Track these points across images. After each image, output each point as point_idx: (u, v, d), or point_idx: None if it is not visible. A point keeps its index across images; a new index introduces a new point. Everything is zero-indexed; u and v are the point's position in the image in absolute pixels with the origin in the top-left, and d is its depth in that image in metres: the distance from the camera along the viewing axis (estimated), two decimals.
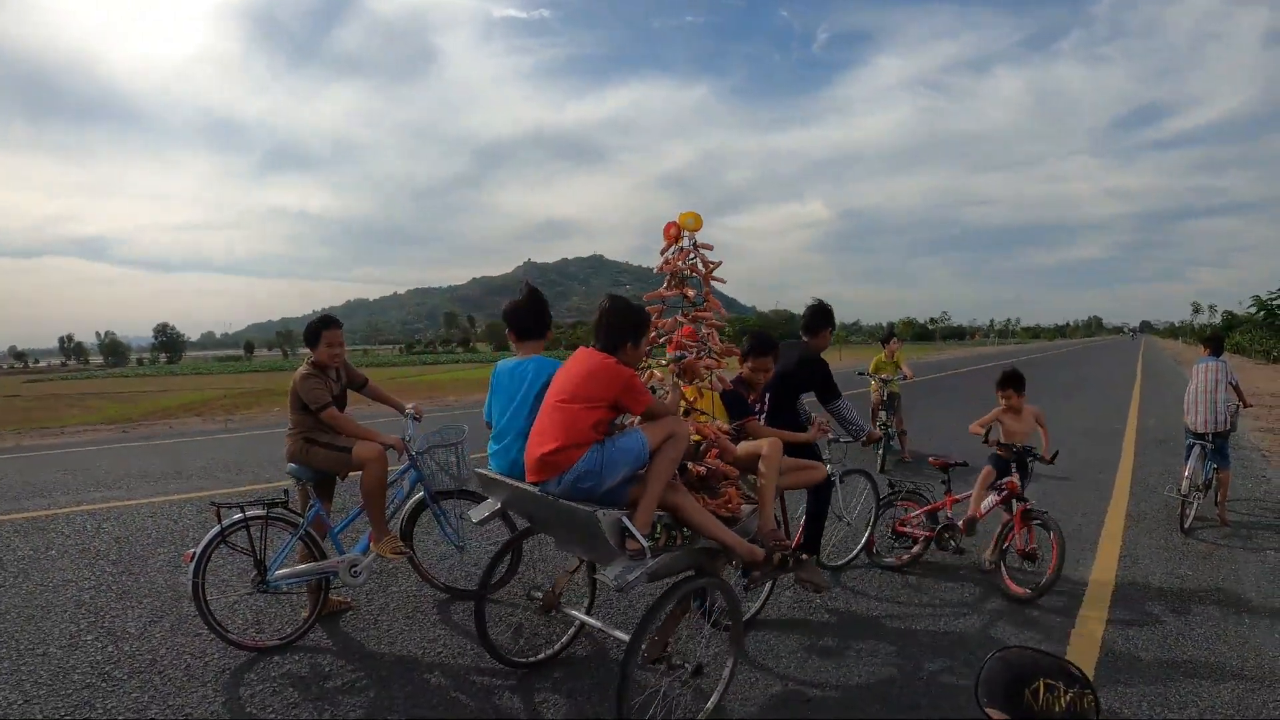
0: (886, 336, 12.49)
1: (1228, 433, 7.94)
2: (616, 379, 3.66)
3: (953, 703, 4.16)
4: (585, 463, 3.56)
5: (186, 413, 23.77)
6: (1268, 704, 4.19)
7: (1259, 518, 8.17)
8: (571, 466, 3.56)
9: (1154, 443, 13.26)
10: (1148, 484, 9.77)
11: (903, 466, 10.99)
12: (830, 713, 4.04)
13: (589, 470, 3.56)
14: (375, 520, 5.09)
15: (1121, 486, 9.68)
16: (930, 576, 6.25)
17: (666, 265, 4.48)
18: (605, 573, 3.57)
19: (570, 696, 4.16)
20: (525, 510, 4.15)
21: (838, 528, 6.39)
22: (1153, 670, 4.58)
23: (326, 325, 5.29)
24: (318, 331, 5.24)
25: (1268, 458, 11.98)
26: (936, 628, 5.19)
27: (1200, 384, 7.99)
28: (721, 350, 4.46)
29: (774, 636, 4.99)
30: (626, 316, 3.87)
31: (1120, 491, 9.37)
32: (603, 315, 3.88)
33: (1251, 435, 14.24)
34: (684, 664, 3.75)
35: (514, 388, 4.23)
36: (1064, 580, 5.95)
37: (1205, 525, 7.72)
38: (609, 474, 3.59)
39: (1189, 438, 8.08)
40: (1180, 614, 5.42)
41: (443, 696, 4.15)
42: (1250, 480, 10.06)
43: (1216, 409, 7.85)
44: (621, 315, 3.86)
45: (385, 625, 5.10)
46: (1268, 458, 11.98)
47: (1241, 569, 6.42)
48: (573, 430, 3.58)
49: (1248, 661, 4.70)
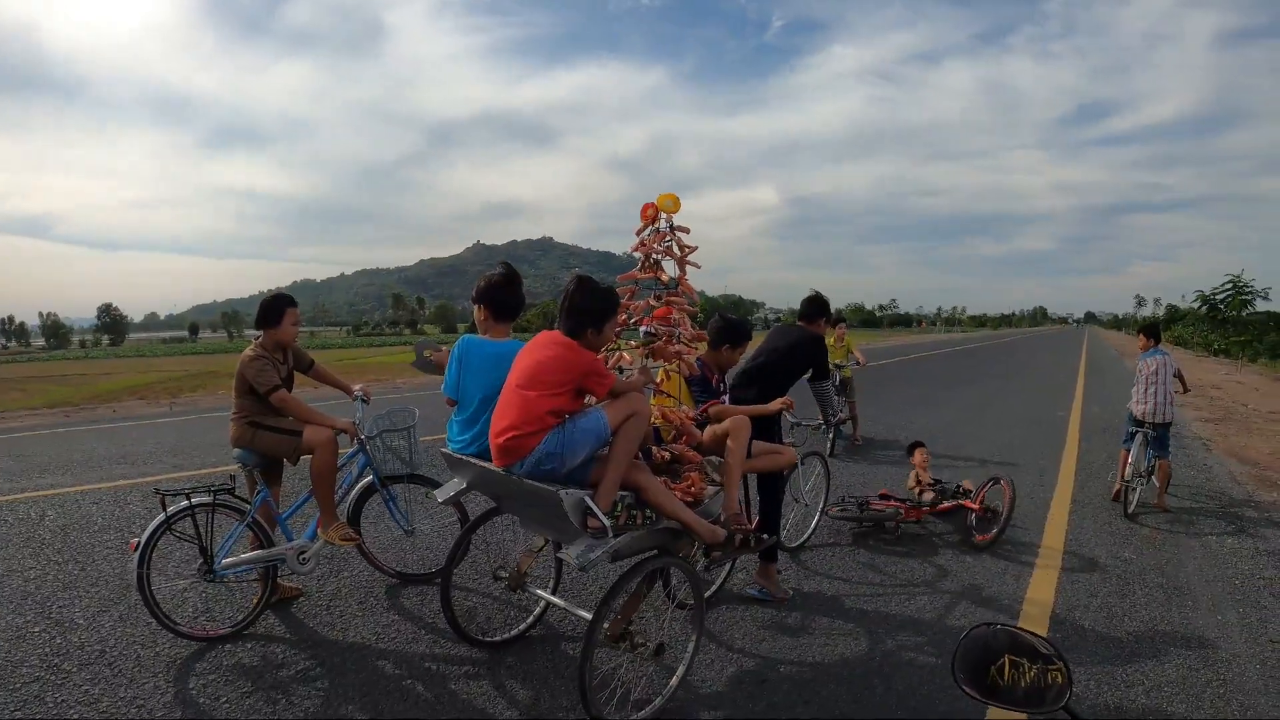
0: (834, 322, 12.57)
1: (1169, 424, 8.15)
2: (578, 365, 3.63)
3: (909, 679, 4.23)
4: (547, 445, 3.55)
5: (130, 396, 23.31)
6: (1211, 683, 4.32)
7: (1200, 504, 8.40)
8: (533, 450, 3.55)
9: (1098, 431, 13.55)
10: (1092, 471, 10.00)
11: (853, 450, 11.17)
12: (789, 690, 4.08)
13: (551, 452, 3.56)
14: (324, 506, 4.99)
15: (1066, 473, 9.89)
16: (887, 556, 6.37)
17: (641, 246, 4.44)
18: (568, 551, 3.58)
19: (528, 679, 4.15)
20: (490, 490, 4.14)
21: (795, 509, 6.48)
22: (1100, 648, 4.70)
23: (290, 302, 5.18)
24: (281, 308, 5.11)
25: (1209, 447, 12.29)
26: (893, 607, 5.28)
27: (1149, 375, 8.18)
28: (692, 336, 4.45)
29: (734, 615, 5.04)
30: (592, 300, 3.78)
31: (1065, 478, 9.58)
32: (567, 297, 3.80)
33: (1194, 425, 14.60)
34: (646, 643, 3.75)
35: (484, 369, 4.17)
36: (1011, 563, 6.18)
37: (1148, 511, 7.91)
38: (571, 455, 3.58)
39: (1130, 425, 8.28)
40: (1125, 596, 5.56)
41: (397, 683, 4.10)
42: (1192, 469, 10.32)
43: (1165, 400, 8.05)
44: (587, 299, 3.78)
45: (337, 612, 5.03)
46: (1209, 447, 12.29)
47: (1184, 553, 6.59)
48: (533, 416, 3.56)
49: (1191, 642, 4.84)
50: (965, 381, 24.44)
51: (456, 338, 4.55)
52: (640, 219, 4.44)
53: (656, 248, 4.41)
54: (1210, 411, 17.25)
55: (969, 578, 5.87)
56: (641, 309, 4.40)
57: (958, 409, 16.74)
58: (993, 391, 21.22)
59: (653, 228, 4.44)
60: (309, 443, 4.96)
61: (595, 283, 3.86)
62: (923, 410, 16.25)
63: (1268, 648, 4.79)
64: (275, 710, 3.84)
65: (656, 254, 4.42)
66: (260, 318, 5.12)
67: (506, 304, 4.44)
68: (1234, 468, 10.65)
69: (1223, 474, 10.15)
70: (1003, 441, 12.30)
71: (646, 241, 4.44)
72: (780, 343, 5.73)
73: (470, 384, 4.23)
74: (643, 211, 4.42)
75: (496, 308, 4.42)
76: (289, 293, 5.59)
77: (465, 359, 4.28)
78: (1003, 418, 15.41)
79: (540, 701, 3.91)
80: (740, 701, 3.96)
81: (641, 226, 4.45)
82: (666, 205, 4.36)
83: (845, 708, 3.93)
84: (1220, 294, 50.56)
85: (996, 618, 5.07)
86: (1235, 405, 19.27)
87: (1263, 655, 4.68)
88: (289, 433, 4.99)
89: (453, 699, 3.95)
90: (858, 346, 12.46)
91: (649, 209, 4.39)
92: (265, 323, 5.12)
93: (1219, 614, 5.28)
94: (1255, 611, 5.34)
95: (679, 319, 4.38)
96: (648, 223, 4.43)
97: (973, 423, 14.57)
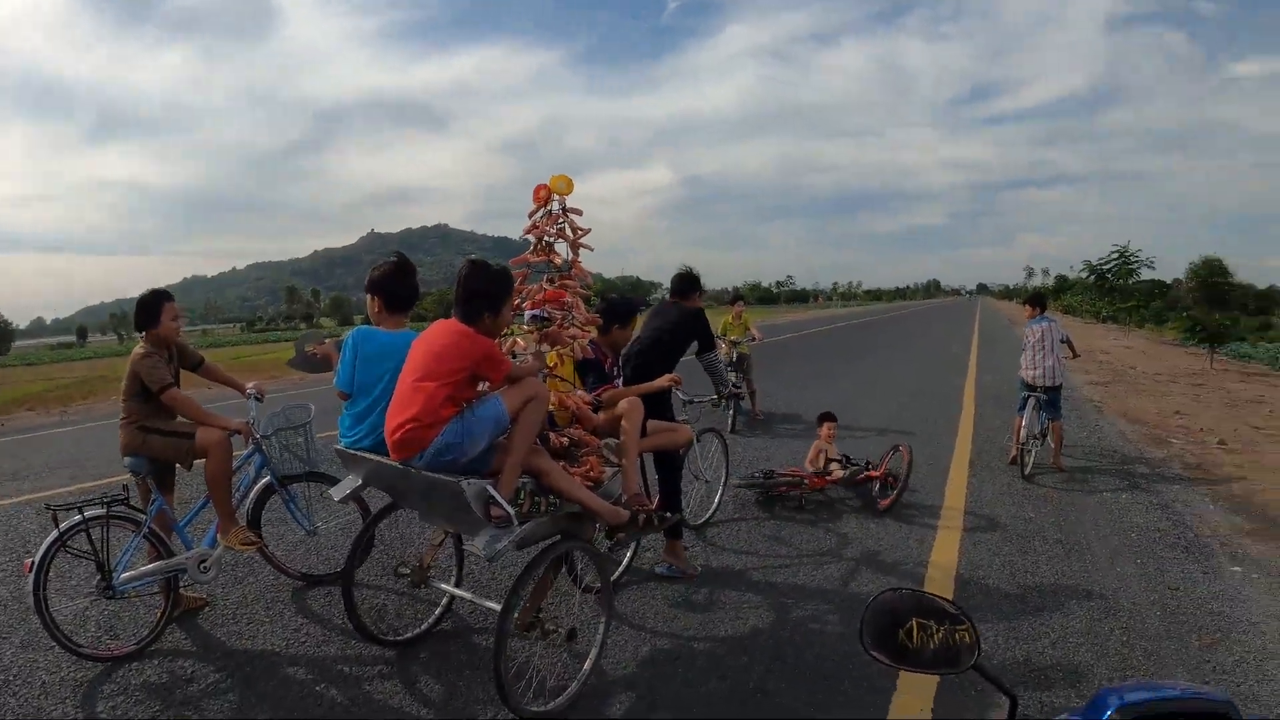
0: (732, 300, 13.00)
1: (1059, 386, 8.45)
2: (474, 351, 3.58)
3: (821, 647, 4.31)
4: (446, 436, 3.50)
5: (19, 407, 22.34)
6: (1115, 631, 4.53)
7: (1094, 463, 8.76)
8: (433, 441, 3.49)
9: (992, 397, 13.99)
10: (988, 436, 10.34)
11: (754, 425, 11.31)
12: (703, 665, 4.12)
13: (451, 443, 3.50)
14: (222, 510, 4.80)
15: (964, 438, 10.23)
16: (793, 527, 6.47)
17: (534, 229, 4.38)
18: (473, 542, 3.54)
19: (441, 674, 4.09)
20: (387, 485, 4.04)
21: (697, 486, 6.50)
22: (1005, 606, 4.88)
23: (166, 297, 4.93)
24: (158, 305, 4.85)
25: (1100, 409, 12.78)
26: (801, 577, 5.37)
27: (1038, 342, 8.47)
28: (586, 319, 4.42)
29: (642, 595, 5.06)
30: (486, 284, 3.73)
31: (963, 443, 9.90)
32: (461, 283, 3.72)
33: (1085, 389, 15.18)
34: (557, 630, 3.73)
35: (379, 362, 4.07)
36: (915, 527, 6.38)
37: (1044, 471, 8.22)
38: (471, 444, 3.54)
39: (1022, 391, 8.58)
40: (1026, 553, 5.76)
41: (310, 689, 3.99)
42: (1085, 430, 10.75)
43: (1054, 365, 8.34)
44: (481, 282, 3.72)
45: (244, 620, 4.85)
46: (1100, 409, 12.78)
47: (1081, 510, 6.86)
48: (430, 407, 3.50)
49: (1093, 592, 5.07)
50: (862, 354, 24.87)
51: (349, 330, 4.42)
52: (533, 201, 4.39)
53: (549, 230, 4.36)
54: (1100, 375, 17.94)
55: (874, 544, 6.01)
56: (535, 292, 4.35)
57: (856, 381, 17.05)
58: (890, 363, 21.72)
59: (545, 210, 4.39)
60: (202, 445, 4.76)
61: (488, 265, 3.81)
62: (821, 384, 16.48)
63: (1167, 594, 5.03)
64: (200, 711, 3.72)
65: (549, 236, 4.37)
66: (138, 318, 4.89)
67: (399, 294, 4.36)
68: (1124, 427, 11.11)
69: (1114, 434, 10.58)
70: (901, 411, 12.62)
71: (539, 224, 4.38)
72: (660, 321, 5.74)
73: (364, 376, 4.13)
74: (535, 193, 4.37)
75: (389, 298, 4.34)
76: (180, 290, 5.37)
77: (359, 350, 4.17)
78: (900, 388, 15.79)
79: (455, 696, 3.86)
80: (655, 680, 3.98)
81: (534, 209, 4.39)
82: (559, 187, 4.31)
83: (760, 678, 3.99)
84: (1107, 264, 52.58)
85: (903, 582, 5.20)
86: (1124, 369, 20.11)
87: (1163, 602, 4.92)
88: (181, 435, 4.78)
89: (367, 700, 3.87)
90: (755, 323, 12.60)
91: (541, 190, 4.34)
92: (144, 323, 4.88)
93: (1118, 565, 5.51)
94: (1152, 561, 5.59)
95: (572, 302, 4.35)
96: (540, 205, 4.38)
97: (871, 394, 14.85)
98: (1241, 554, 5.84)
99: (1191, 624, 4.65)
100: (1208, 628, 4.60)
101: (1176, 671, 4.11)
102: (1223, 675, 4.08)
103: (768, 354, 22.08)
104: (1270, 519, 6.73)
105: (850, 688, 3.88)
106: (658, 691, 3.87)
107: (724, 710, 3.71)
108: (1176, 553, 5.81)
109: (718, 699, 3.80)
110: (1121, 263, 51.44)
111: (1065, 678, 4.01)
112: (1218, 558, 5.74)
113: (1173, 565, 5.55)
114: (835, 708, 3.72)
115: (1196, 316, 30.47)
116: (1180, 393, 15.53)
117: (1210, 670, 4.13)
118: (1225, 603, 4.94)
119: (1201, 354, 25.41)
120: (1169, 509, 6.92)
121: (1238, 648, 4.37)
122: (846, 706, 3.72)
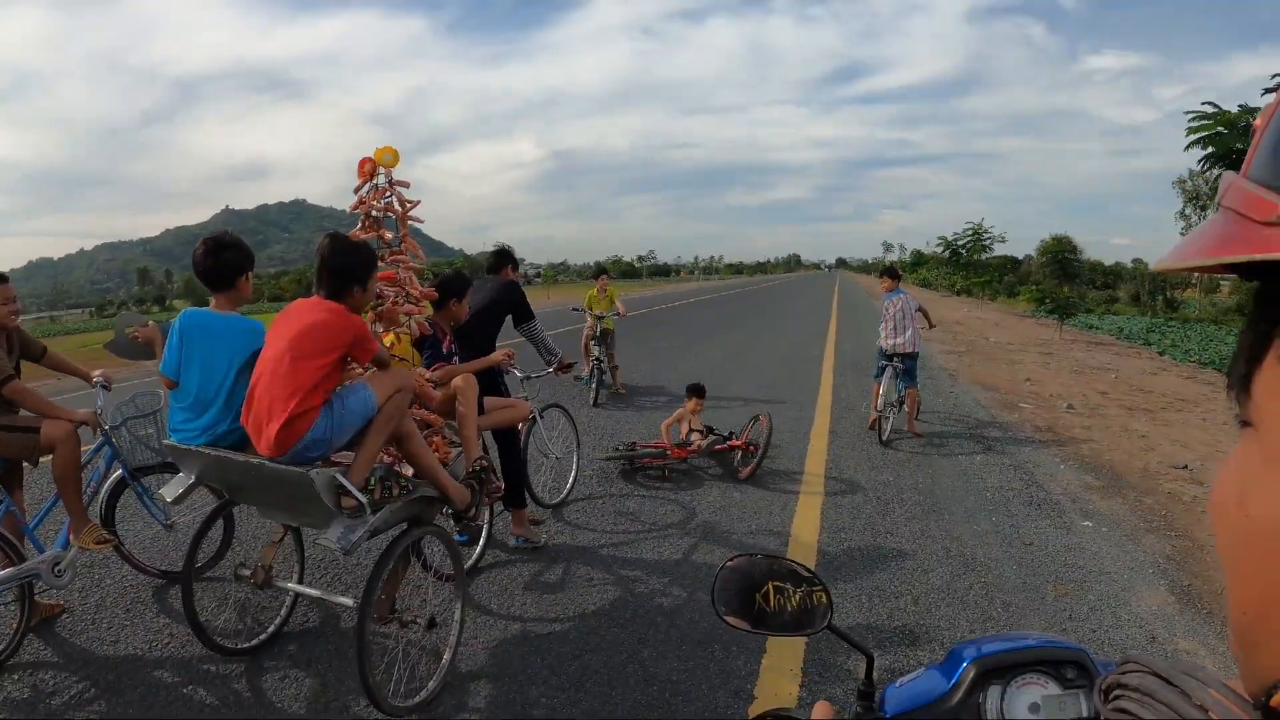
0: (596, 274, 13.03)
1: (916, 354, 8.77)
2: (347, 329, 3.41)
3: (690, 615, 4.39)
4: (315, 431, 3.31)
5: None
6: (974, 586, 4.80)
7: (949, 428, 9.14)
8: (301, 438, 3.30)
9: (850, 366, 14.47)
10: (847, 404, 10.71)
11: (616, 398, 11.37)
12: (569, 643, 4.12)
13: (318, 439, 3.34)
14: (73, 509, 4.49)
15: (823, 406, 10.54)
16: (655, 499, 6.52)
17: (361, 204, 4.21)
18: (326, 536, 3.38)
19: (310, 667, 3.95)
20: (225, 481, 3.84)
21: (547, 464, 6.41)
22: (867, 565, 5.08)
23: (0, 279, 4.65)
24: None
25: (955, 377, 13.29)
26: (666, 548, 5.42)
27: (895, 313, 8.76)
28: (421, 295, 4.32)
29: (501, 579, 4.95)
30: (350, 257, 3.57)
31: (822, 411, 10.19)
32: (324, 259, 3.54)
33: (940, 357, 15.77)
34: (416, 619, 3.65)
35: (213, 348, 3.81)
36: (777, 494, 6.56)
37: (902, 437, 8.58)
38: (337, 439, 3.42)
39: (880, 359, 8.88)
40: (886, 515, 6.00)
41: (177, 691, 3.78)
42: (940, 397, 11.21)
43: (910, 334, 8.62)
44: (345, 256, 3.56)
45: (105, 624, 4.53)
46: (955, 377, 13.29)
47: (937, 472, 7.15)
48: (301, 394, 3.28)
49: (951, 550, 5.33)
50: (725, 327, 24.96)
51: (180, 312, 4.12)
52: (358, 176, 4.21)
53: (376, 205, 4.21)
54: (954, 345, 18.67)
55: (737, 512, 6.15)
56: None
57: (719, 353, 17.17)
58: (751, 335, 21.96)
59: (371, 184, 4.21)
60: (47, 440, 4.44)
61: (350, 239, 3.68)
62: (685, 356, 16.51)
63: (1021, 550, 5.30)
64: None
65: (377, 211, 4.22)
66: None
67: (212, 273, 3.98)
68: (978, 394, 11.63)
69: (968, 400, 11.07)
70: (763, 381, 12.89)
71: (366, 199, 4.21)
72: (477, 297, 5.70)
73: (192, 362, 3.86)
74: (360, 167, 4.18)
75: (207, 279, 3.99)
76: (23, 274, 5.01)
77: (187, 335, 3.87)
78: (762, 359, 16.06)
79: (328, 689, 3.75)
80: (527, 658, 3.97)
81: (360, 183, 4.21)
82: (384, 159, 4.14)
83: (632, 649, 4.04)
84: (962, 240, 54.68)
85: (767, 546, 5.32)
86: (977, 339, 20.97)
87: (1018, 557, 5.20)
88: (24, 430, 4.44)
89: (238, 699, 3.71)
90: (619, 297, 12.65)
91: (366, 163, 4.15)
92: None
93: (974, 524, 5.78)
94: (1007, 519, 5.88)
95: (405, 278, 4.24)
96: (366, 179, 4.19)
97: (734, 365, 15.02)
98: (1091, 510, 6.22)
99: (1047, 576, 4.93)
100: (1062, 579, 4.89)
101: (1035, 621, 4.35)
102: (1078, 623, 4.35)
103: (633, 327, 22.18)
104: (1117, 477, 7.18)
105: (720, 652, 3.97)
106: (529, 670, 3.86)
107: (603, 682, 3.73)
108: (1030, 510, 6.14)
109: (593, 673, 3.82)
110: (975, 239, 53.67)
111: (927, 633, 4.20)
112: (1069, 514, 6.09)
113: (1027, 522, 5.85)
114: (708, 672, 3.80)
115: (1046, 290, 31.91)
116: (1031, 361, 16.34)
117: (1066, 618, 4.39)
118: (1077, 555, 5.27)
119: (1051, 325, 26.73)
120: (1022, 469, 7.29)
121: (1091, 596, 4.67)
122: (719, 672, 3.80)
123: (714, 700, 3.59)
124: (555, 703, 3.58)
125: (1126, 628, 4.31)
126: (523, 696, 3.64)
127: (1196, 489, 6.84)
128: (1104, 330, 29.82)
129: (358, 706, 3.57)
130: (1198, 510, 6.28)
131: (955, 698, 1.16)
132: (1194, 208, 68.51)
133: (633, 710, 3.52)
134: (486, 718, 3.51)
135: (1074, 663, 1.16)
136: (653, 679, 3.75)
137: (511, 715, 3.51)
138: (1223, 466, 0.51)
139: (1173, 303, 47.81)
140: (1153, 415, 10.46)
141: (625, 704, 3.57)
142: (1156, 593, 4.76)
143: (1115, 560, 5.20)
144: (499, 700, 3.63)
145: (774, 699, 3.57)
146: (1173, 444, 8.60)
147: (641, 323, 25.97)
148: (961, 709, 1.15)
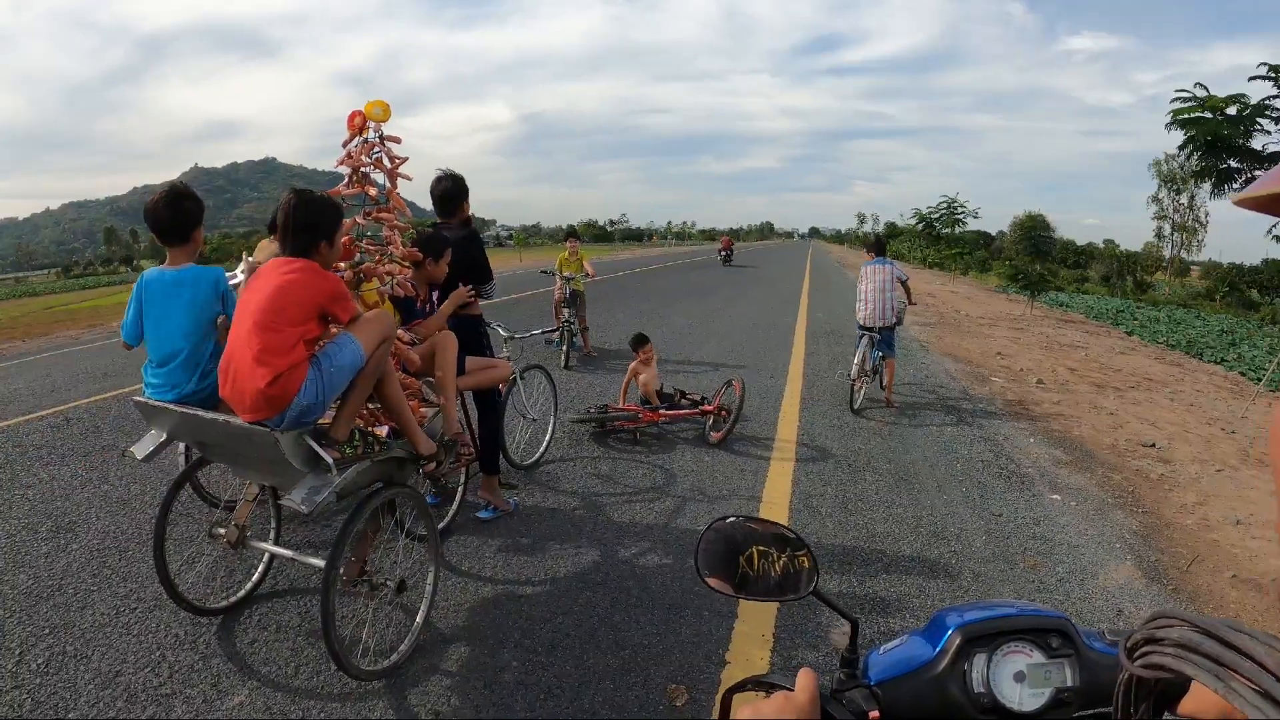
0: (566, 236, 13.13)
1: (894, 326, 8.77)
2: (320, 288, 3.28)
3: (662, 578, 4.40)
4: (305, 395, 3.18)
5: None
6: (944, 555, 4.83)
7: (921, 399, 9.19)
8: (293, 402, 3.16)
9: (822, 334, 14.52)
10: (819, 372, 10.74)
11: (587, 360, 11.35)
12: (541, 606, 4.10)
13: (312, 404, 3.22)
14: None
15: (795, 375, 10.55)
16: (627, 462, 6.52)
17: (349, 159, 4.10)
18: (292, 497, 3.27)
19: (280, 631, 3.88)
20: (196, 438, 3.75)
21: (524, 425, 6.38)
22: (839, 533, 5.11)
23: None
24: None
25: (927, 349, 13.35)
26: (638, 512, 5.42)
27: (872, 284, 8.72)
28: (404, 254, 4.24)
29: (473, 541, 4.90)
30: (316, 212, 3.39)
31: (794, 379, 10.21)
32: (288, 215, 3.36)
33: (913, 329, 15.82)
34: (386, 582, 3.60)
35: (170, 304, 3.74)
36: (749, 459, 6.58)
37: (874, 406, 8.61)
38: (331, 398, 3.33)
39: (860, 330, 8.82)
40: (858, 483, 6.03)
41: (146, 657, 3.67)
42: (913, 368, 11.27)
43: (887, 305, 8.62)
44: (310, 211, 3.37)
45: (70, 590, 4.38)
46: (927, 349, 13.35)
47: (909, 442, 7.19)
48: (283, 354, 3.14)
49: (922, 520, 5.37)
50: (697, 292, 24.74)
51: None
52: (347, 130, 4.09)
53: (365, 160, 4.11)
54: (927, 318, 18.74)
55: (709, 476, 6.16)
56: (349, 226, 3.99)
57: (691, 318, 17.10)
58: (724, 301, 21.82)
59: (361, 139, 4.11)
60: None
61: (314, 193, 3.50)
62: (656, 320, 16.44)
63: (991, 520, 5.35)
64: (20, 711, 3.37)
65: (365, 166, 4.12)
66: None
67: (165, 225, 3.86)
68: (950, 366, 11.68)
69: (940, 372, 11.12)
70: (735, 347, 12.89)
71: (354, 154, 4.10)
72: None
73: (148, 323, 3.80)
74: (349, 121, 4.07)
75: (169, 231, 3.86)
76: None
77: (144, 293, 3.82)
78: (734, 325, 16.00)
79: (300, 653, 3.69)
80: (500, 621, 3.96)
81: (348, 138, 4.10)
82: (375, 113, 4.03)
83: (605, 612, 4.03)
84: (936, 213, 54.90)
85: (739, 510, 5.29)
86: (950, 312, 21.05)
87: (988, 527, 5.24)
88: None
89: (206, 665, 3.61)
90: (590, 260, 12.61)
91: (356, 118, 4.04)
92: None
93: (945, 493, 5.83)
94: (976, 490, 5.93)
95: (389, 236, 4.16)
96: (355, 133, 4.08)
97: (705, 330, 15.02)
98: (1060, 483, 6.28)
99: (1016, 547, 4.98)
100: (1031, 550, 4.94)
101: (1005, 591, 4.39)
102: (1047, 593, 4.39)
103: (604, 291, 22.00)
104: (1085, 451, 7.25)
105: (693, 617, 3.98)
106: (503, 633, 3.84)
107: (575, 646, 3.72)
108: (1000, 482, 6.19)
109: (565, 636, 3.80)
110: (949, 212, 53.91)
111: (899, 600, 4.22)
112: (1038, 486, 6.14)
113: (996, 494, 5.90)
114: (681, 636, 3.80)
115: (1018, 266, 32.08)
116: (1002, 336, 16.44)
117: (1035, 589, 4.43)
118: (1046, 527, 5.32)
119: (1022, 301, 26.89)
120: (992, 442, 7.34)
121: (1060, 568, 4.72)
122: (692, 637, 3.80)
123: (687, 664, 3.58)
124: (527, 666, 3.56)
125: (1095, 600, 4.36)
126: (494, 660, 3.61)
127: (1164, 467, 6.92)
128: (1075, 309, 30.02)
129: (328, 671, 3.52)
130: (1165, 487, 6.36)
131: (941, 665, 1.15)
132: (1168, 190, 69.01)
133: (605, 674, 3.51)
134: (458, 681, 3.47)
135: (1058, 631, 1.16)
136: (625, 643, 3.74)
137: (483, 678, 3.48)
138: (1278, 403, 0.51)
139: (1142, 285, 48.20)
140: (1121, 394, 10.56)
141: (598, 667, 3.55)
142: (1123, 567, 4.81)
143: (1083, 534, 5.26)
144: (471, 663, 3.60)
145: (746, 663, 3.58)
146: (1141, 422, 8.68)
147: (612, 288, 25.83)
148: (948, 676, 1.14)
